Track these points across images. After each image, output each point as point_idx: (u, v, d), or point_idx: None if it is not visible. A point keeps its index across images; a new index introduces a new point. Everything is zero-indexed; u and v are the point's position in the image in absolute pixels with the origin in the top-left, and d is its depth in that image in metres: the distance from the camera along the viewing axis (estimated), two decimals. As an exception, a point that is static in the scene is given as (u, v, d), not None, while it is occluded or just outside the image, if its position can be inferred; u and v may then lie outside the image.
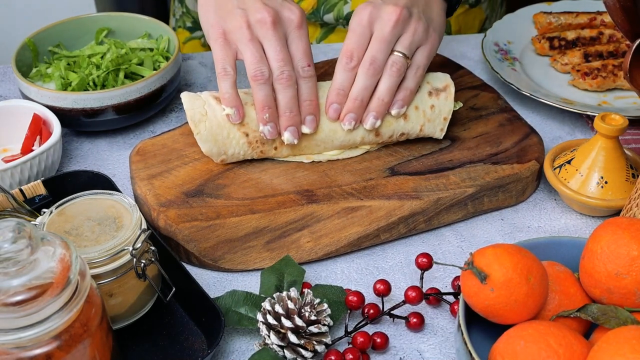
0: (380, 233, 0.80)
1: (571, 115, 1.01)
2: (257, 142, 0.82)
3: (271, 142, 0.83)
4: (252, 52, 0.79)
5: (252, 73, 0.79)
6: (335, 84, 0.82)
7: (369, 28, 0.81)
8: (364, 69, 0.81)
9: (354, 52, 0.81)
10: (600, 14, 1.13)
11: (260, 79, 0.79)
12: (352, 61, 0.81)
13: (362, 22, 0.81)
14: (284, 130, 0.81)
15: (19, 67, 0.97)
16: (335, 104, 0.82)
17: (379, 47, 0.80)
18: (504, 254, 0.61)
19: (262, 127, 0.81)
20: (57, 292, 0.54)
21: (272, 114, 0.80)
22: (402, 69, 0.82)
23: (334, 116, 0.83)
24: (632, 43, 0.72)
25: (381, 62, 0.81)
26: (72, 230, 0.66)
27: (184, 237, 0.77)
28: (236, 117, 0.80)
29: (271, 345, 0.67)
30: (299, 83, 0.81)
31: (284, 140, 0.82)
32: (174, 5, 1.30)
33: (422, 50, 0.83)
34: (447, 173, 0.84)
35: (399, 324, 0.73)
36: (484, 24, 1.26)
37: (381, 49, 0.81)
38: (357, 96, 0.81)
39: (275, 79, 0.79)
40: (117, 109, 0.93)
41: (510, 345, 0.58)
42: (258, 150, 0.83)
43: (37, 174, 0.86)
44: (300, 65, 0.80)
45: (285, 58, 0.79)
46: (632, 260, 0.60)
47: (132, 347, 0.70)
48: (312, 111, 0.82)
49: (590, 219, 0.85)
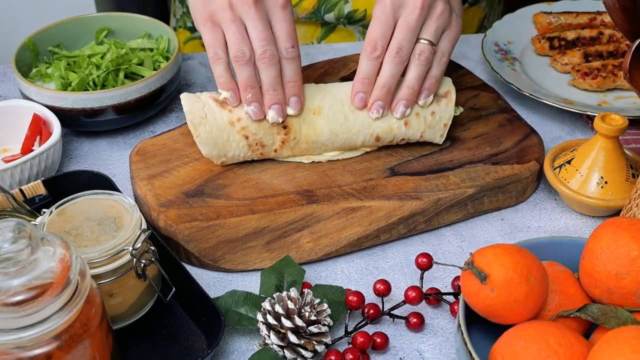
0: (380, 233, 0.80)
1: (571, 115, 1.01)
2: (256, 145, 0.82)
3: (271, 144, 0.83)
4: (234, 32, 0.78)
5: (233, 54, 0.78)
6: (360, 74, 0.81)
7: (393, 15, 0.80)
8: (390, 57, 0.80)
9: (378, 41, 0.80)
10: (600, 14, 1.13)
11: (242, 59, 0.78)
12: (376, 50, 0.80)
13: (385, 9, 0.80)
14: (268, 109, 0.80)
15: (19, 67, 0.97)
16: (361, 93, 0.82)
17: (405, 35, 0.80)
18: (504, 254, 0.61)
19: (247, 108, 0.80)
20: (57, 292, 0.54)
21: (255, 94, 0.80)
22: (430, 57, 0.81)
23: (360, 105, 0.82)
24: (632, 43, 0.72)
25: (408, 50, 0.80)
26: (72, 230, 0.66)
27: (184, 237, 0.77)
28: (233, 100, 0.80)
29: (271, 345, 0.67)
30: (282, 64, 0.80)
31: (268, 119, 0.81)
32: (174, 5, 1.30)
33: (447, 35, 0.83)
34: (447, 173, 0.84)
35: (399, 324, 0.73)
36: (483, 22, 1.27)
37: (407, 38, 0.80)
38: (385, 84, 0.81)
39: (258, 59, 0.78)
40: (117, 109, 0.93)
41: (510, 345, 0.58)
42: (258, 153, 0.83)
43: (37, 174, 0.86)
44: (284, 46, 0.79)
45: (267, 37, 0.78)
46: (632, 260, 0.60)
47: (132, 347, 0.70)
48: (296, 92, 0.81)
49: (590, 219, 0.85)
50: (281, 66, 0.80)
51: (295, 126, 0.82)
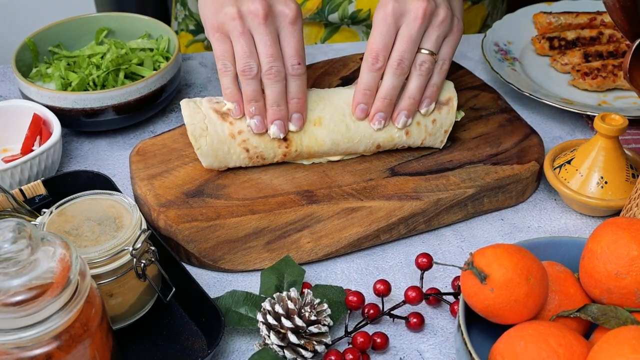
0: (380, 234, 0.80)
1: (571, 115, 1.01)
2: (257, 158, 0.82)
3: (272, 157, 0.83)
4: (242, 46, 0.78)
5: (240, 68, 0.78)
6: (361, 85, 0.81)
7: (394, 25, 0.79)
8: (392, 69, 0.80)
9: (380, 52, 0.80)
10: (600, 14, 1.13)
11: (249, 74, 0.78)
12: (378, 62, 0.80)
13: (386, 18, 0.79)
14: (270, 124, 0.80)
15: (19, 67, 0.97)
16: (362, 104, 0.82)
17: (406, 47, 0.79)
18: (504, 254, 0.61)
19: (249, 121, 0.80)
20: (57, 292, 0.54)
21: (259, 108, 0.80)
22: (430, 67, 0.81)
23: (362, 116, 0.82)
24: (632, 43, 0.72)
25: (409, 61, 0.80)
26: (72, 230, 0.66)
27: (184, 237, 0.77)
28: (237, 112, 0.80)
29: (271, 346, 0.67)
30: (287, 80, 0.80)
31: (270, 134, 0.81)
32: (175, 8, 1.29)
33: (448, 42, 0.82)
34: (447, 174, 0.84)
35: (399, 324, 0.73)
36: (486, 21, 1.26)
37: (409, 49, 0.80)
38: (386, 95, 0.81)
39: (264, 74, 0.79)
40: (117, 109, 0.93)
41: (510, 345, 0.58)
42: (259, 164, 0.83)
43: (37, 174, 0.86)
44: (290, 62, 0.79)
45: (275, 54, 0.78)
46: (632, 260, 0.60)
47: (132, 347, 0.70)
48: (299, 109, 0.81)
49: (590, 219, 0.85)
50: (286, 82, 0.80)
51: (296, 139, 0.82)
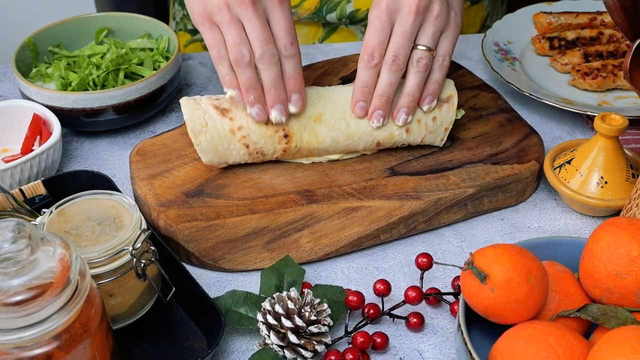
0: (380, 233, 0.80)
1: (571, 115, 1.01)
2: (257, 153, 0.82)
3: (272, 153, 0.83)
4: (232, 34, 0.77)
5: (233, 57, 0.78)
6: (358, 82, 0.81)
7: (389, 21, 0.79)
8: (387, 65, 0.80)
9: (375, 49, 0.80)
10: (600, 14, 1.13)
11: (242, 62, 0.78)
12: (373, 59, 0.80)
13: (381, 15, 0.79)
14: (271, 109, 0.80)
15: (19, 67, 0.97)
16: (361, 102, 0.81)
17: (401, 43, 0.79)
18: (504, 254, 0.61)
19: (250, 109, 0.80)
20: (57, 292, 0.54)
21: (257, 95, 0.79)
22: (428, 64, 0.81)
23: (361, 114, 0.82)
24: (632, 43, 0.72)
25: (404, 57, 0.80)
26: (72, 230, 0.66)
27: (184, 237, 0.77)
28: (239, 98, 0.80)
29: (271, 345, 0.67)
30: (282, 62, 0.79)
31: (272, 119, 0.80)
32: (173, 8, 1.29)
33: (446, 37, 0.82)
34: (447, 173, 0.84)
35: (399, 324, 0.73)
36: (486, 21, 1.26)
37: (403, 45, 0.79)
38: (383, 93, 0.81)
39: (258, 59, 0.78)
40: (117, 109, 0.93)
41: (510, 345, 0.58)
42: (259, 160, 0.83)
43: (37, 174, 0.86)
44: (283, 43, 0.78)
45: (266, 37, 0.78)
46: (632, 260, 0.60)
47: (132, 347, 0.70)
48: (297, 89, 0.80)
49: (590, 219, 0.85)
50: (281, 64, 0.79)
51: (296, 135, 0.82)
